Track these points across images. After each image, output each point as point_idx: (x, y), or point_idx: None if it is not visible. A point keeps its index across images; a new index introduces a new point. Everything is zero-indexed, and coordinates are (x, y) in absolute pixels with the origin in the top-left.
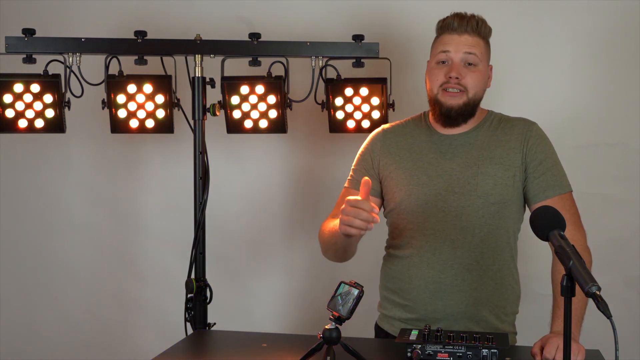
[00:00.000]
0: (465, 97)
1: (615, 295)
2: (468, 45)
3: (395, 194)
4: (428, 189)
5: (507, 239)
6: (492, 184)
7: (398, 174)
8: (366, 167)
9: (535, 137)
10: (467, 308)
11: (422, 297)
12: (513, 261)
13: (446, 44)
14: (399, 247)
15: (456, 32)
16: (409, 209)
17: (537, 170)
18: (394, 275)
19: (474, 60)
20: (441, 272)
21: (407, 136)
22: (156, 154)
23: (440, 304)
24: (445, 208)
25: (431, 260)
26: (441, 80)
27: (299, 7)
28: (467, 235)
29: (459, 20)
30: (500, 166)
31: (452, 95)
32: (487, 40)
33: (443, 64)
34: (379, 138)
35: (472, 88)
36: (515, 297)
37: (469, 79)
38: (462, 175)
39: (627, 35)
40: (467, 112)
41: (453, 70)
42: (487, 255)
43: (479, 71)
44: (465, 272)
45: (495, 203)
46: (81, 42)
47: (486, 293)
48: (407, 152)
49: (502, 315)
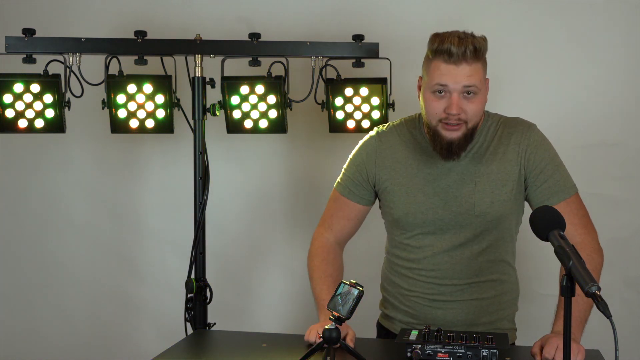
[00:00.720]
0: (464, 128)
1: (615, 295)
2: (466, 77)
3: (393, 210)
4: (425, 207)
5: (506, 248)
6: (489, 202)
7: (394, 190)
8: (360, 179)
9: (533, 145)
10: (467, 316)
11: (421, 305)
12: (512, 266)
13: (442, 75)
14: (398, 256)
15: (453, 62)
16: (407, 227)
17: (539, 179)
18: (394, 280)
19: (473, 90)
20: (440, 286)
21: (402, 146)
22: (156, 154)
23: (440, 312)
24: (443, 226)
25: (430, 274)
26: (440, 114)
27: (299, 7)
28: (465, 251)
29: (456, 47)
30: (497, 183)
31: (452, 129)
32: (484, 58)
33: (440, 93)
34: (373, 148)
35: (472, 118)
36: (514, 299)
37: (469, 110)
38: (458, 193)
39: (627, 35)
40: (468, 142)
41: (453, 108)
42: (486, 268)
43: (478, 99)
44: (465, 286)
45: (492, 220)
46: (81, 42)
47: (486, 302)
48: (402, 165)
49: (501, 317)
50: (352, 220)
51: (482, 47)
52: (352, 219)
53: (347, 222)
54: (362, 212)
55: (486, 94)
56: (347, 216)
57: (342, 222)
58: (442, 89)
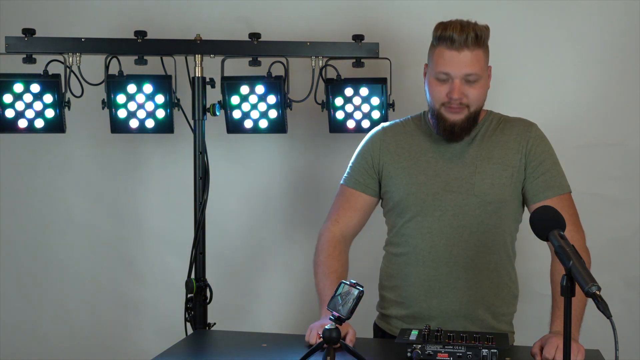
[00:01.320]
0: (467, 112)
1: (615, 295)
2: (468, 64)
3: (394, 194)
4: (426, 188)
5: (504, 238)
6: (489, 184)
7: (397, 174)
8: (365, 166)
9: (534, 138)
10: (462, 306)
11: (417, 294)
12: (510, 261)
13: (445, 64)
14: (396, 245)
15: (455, 49)
16: (407, 208)
17: (537, 171)
18: (390, 273)
19: (475, 78)
20: (436, 270)
21: (407, 135)
22: (156, 154)
23: (435, 301)
24: (442, 207)
25: (427, 258)
26: (443, 99)
27: (299, 7)
28: (463, 233)
29: (458, 33)
30: (498, 166)
31: (454, 112)
32: (486, 45)
33: (443, 79)
34: (378, 136)
35: (474, 103)
36: (512, 297)
37: (471, 95)
38: (459, 175)
39: (627, 35)
40: (470, 125)
41: (455, 92)
42: (483, 254)
43: (480, 85)
44: (461, 271)
45: (492, 202)
46: (81, 42)
47: (482, 292)
48: (406, 151)
49: (498, 315)
50: (358, 211)
51: (484, 34)
52: (358, 209)
53: (353, 213)
54: (368, 203)
55: (488, 80)
56: (353, 207)
57: (349, 213)
58: (445, 77)
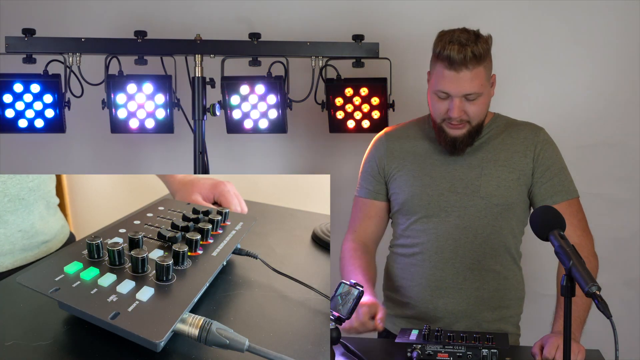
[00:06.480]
0: (469, 126)
1: (615, 295)
2: (467, 84)
3: (399, 196)
4: (431, 190)
5: (510, 240)
6: (495, 186)
7: (402, 176)
8: (372, 173)
9: (542, 142)
10: (468, 307)
11: (423, 295)
12: (516, 263)
13: (445, 84)
14: (402, 246)
15: (454, 69)
16: (412, 209)
17: (545, 176)
18: (396, 273)
19: (474, 97)
20: (443, 271)
21: (410, 138)
22: (156, 154)
23: (441, 302)
24: (448, 208)
25: (433, 258)
26: (443, 115)
27: (299, 7)
28: (469, 235)
29: (456, 53)
30: (504, 168)
31: (455, 127)
32: (487, 59)
33: (443, 98)
34: (382, 142)
35: (475, 118)
36: (519, 299)
37: (471, 112)
38: (465, 176)
39: (627, 35)
40: (472, 138)
41: (454, 112)
42: (489, 256)
43: (480, 102)
44: (467, 272)
45: (498, 204)
46: (81, 42)
47: (488, 293)
48: (410, 154)
49: (504, 316)
50: (373, 218)
51: (483, 51)
52: (373, 217)
53: (369, 221)
54: (382, 209)
55: (492, 89)
56: (368, 215)
57: (365, 222)
58: (444, 95)
